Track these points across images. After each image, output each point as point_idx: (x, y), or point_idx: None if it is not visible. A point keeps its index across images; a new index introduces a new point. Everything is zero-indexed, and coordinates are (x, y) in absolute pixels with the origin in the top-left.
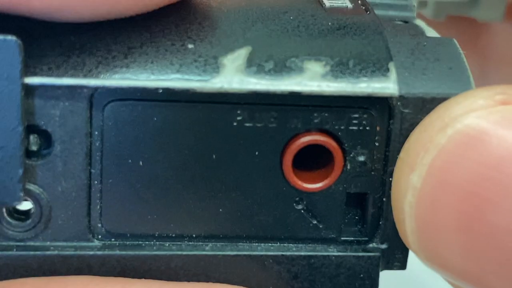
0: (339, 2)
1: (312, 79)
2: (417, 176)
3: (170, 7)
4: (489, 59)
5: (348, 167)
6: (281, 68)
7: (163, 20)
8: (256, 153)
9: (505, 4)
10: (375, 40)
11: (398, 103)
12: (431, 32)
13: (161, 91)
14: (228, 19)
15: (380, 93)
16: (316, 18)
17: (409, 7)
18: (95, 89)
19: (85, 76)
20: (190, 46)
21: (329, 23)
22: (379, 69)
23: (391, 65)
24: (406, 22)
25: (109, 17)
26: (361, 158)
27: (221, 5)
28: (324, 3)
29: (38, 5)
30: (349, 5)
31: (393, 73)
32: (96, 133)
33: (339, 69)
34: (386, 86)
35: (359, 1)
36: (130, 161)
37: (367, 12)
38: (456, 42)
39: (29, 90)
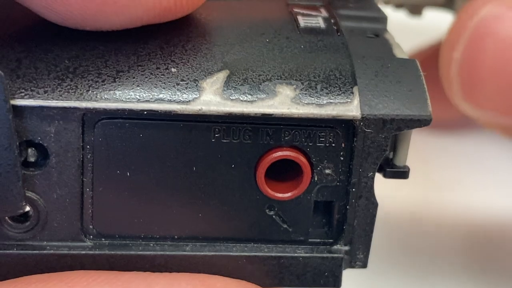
0: (313, 22)
1: (283, 103)
2: (457, 51)
3: (158, 28)
4: None
5: (316, 178)
6: (255, 91)
7: (150, 43)
8: (232, 165)
9: None
10: (342, 64)
11: (361, 124)
12: (398, 49)
13: (145, 112)
14: (210, 41)
15: (344, 116)
16: (290, 41)
17: (381, 19)
18: (86, 109)
19: (77, 98)
20: (173, 70)
21: (301, 46)
22: (344, 92)
23: (355, 89)
24: (377, 35)
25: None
26: (328, 171)
27: (204, 25)
28: (299, 23)
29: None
30: (322, 25)
31: (356, 97)
32: (88, 147)
33: (308, 92)
34: (349, 109)
35: (332, 20)
36: (118, 171)
37: (338, 33)
38: (417, 63)
39: (27, 110)
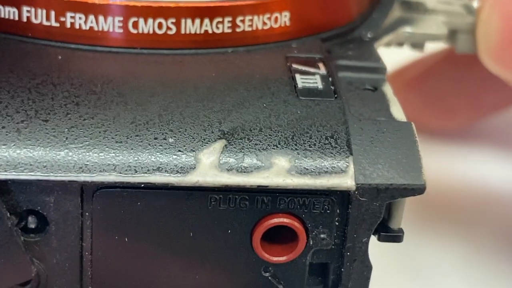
0: (311, 81)
1: (278, 174)
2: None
3: (157, 91)
4: None
5: (311, 242)
6: (251, 162)
7: (148, 109)
8: (229, 231)
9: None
10: (337, 132)
11: (356, 193)
12: (394, 106)
13: (143, 185)
14: (207, 107)
15: (338, 187)
16: (287, 106)
17: (380, 70)
18: (85, 182)
19: (75, 171)
20: (171, 140)
21: (298, 112)
22: (339, 163)
23: (350, 160)
24: (375, 88)
25: None
26: (323, 236)
27: (202, 87)
28: (297, 83)
29: None
30: (320, 86)
31: (351, 168)
32: (87, 214)
33: (303, 163)
34: (344, 180)
35: (330, 79)
36: (117, 237)
37: (335, 95)
38: (413, 127)
39: (26, 183)
